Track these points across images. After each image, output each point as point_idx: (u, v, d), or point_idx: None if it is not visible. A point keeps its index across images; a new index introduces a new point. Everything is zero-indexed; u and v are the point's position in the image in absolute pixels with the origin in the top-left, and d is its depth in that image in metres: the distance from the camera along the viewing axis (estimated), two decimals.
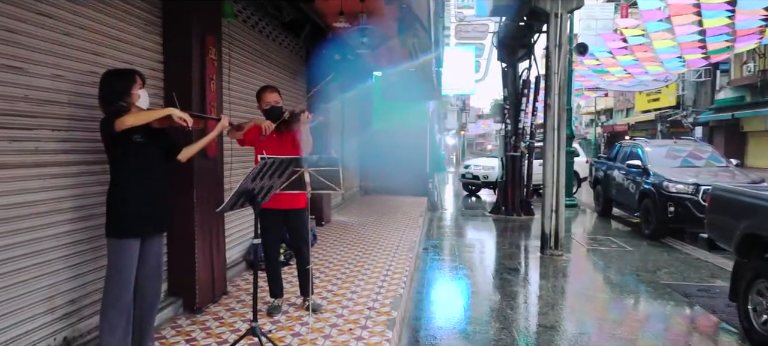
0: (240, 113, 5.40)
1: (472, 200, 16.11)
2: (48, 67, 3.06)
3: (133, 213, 3.05)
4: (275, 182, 3.16)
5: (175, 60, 4.24)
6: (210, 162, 4.47)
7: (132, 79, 3.09)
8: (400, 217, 10.12)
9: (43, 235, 3.06)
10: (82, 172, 3.35)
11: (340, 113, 11.29)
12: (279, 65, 7.00)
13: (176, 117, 3.03)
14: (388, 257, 6.52)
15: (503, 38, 11.94)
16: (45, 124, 3.05)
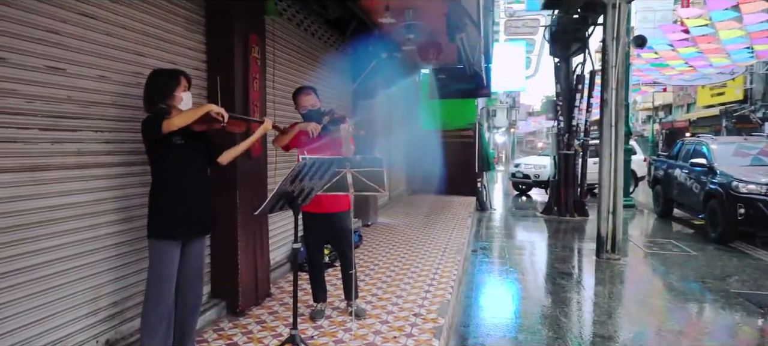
0: (284, 113, 5.33)
1: (522, 200, 15.67)
2: (91, 69, 3.05)
3: (173, 215, 3.00)
4: (316, 183, 3.04)
5: (218, 59, 4.20)
6: (253, 162, 4.41)
7: (176, 80, 3.03)
8: (447, 217, 9.90)
9: (86, 236, 3.05)
10: (125, 173, 3.33)
11: (386, 112, 11.16)
12: (324, 63, 6.91)
13: (214, 112, 2.95)
14: (435, 259, 6.32)
15: (556, 32, 11.49)
16: (88, 125, 3.04)
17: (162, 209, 3.00)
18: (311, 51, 6.47)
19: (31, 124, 2.69)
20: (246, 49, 4.30)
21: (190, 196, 3.06)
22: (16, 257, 2.65)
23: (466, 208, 11.32)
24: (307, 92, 4.09)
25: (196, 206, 3.10)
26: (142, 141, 2.99)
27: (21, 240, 2.66)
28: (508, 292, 5.97)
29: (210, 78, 4.24)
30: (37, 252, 2.75)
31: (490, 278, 6.54)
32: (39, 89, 2.72)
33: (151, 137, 2.92)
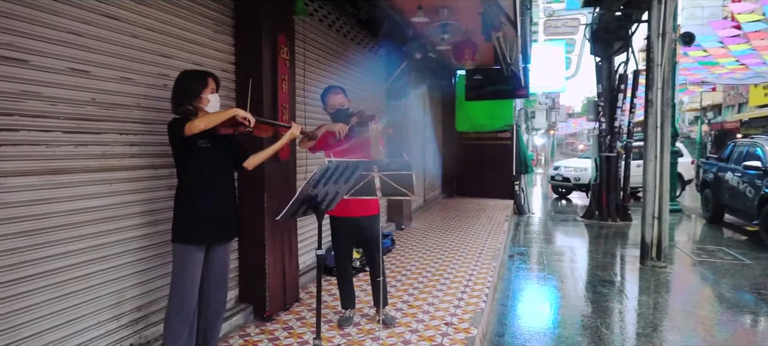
0: (315, 115, 5.25)
1: (562, 204, 15.23)
2: (116, 70, 3.02)
3: (197, 220, 2.93)
4: (341, 187, 2.93)
5: (246, 61, 4.14)
6: (282, 166, 4.34)
7: (204, 82, 2.97)
8: (483, 221, 9.66)
9: (110, 240, 3.02)
10: (150, 176, 3.29)
11: (421, 114, 11.01)
12: (356, 64, 6.82)
13: (240, 117, 2.87)
14: (470, 264, 6.13)
15: (597, 30, 11.09)
16: (112, 127, 3.01)
17: (186, 213, 2.94)
18: (343, 52, 6.38)
19: (55, 126, 2.67)
20: (274, 50, 4.23)
21: (215, 200, 2.99)
22: (38, 260, 2.63)
23: (503, 211, 11.04)
24: (336, 92, 3.99)
25: (221, 210, 3.03)
26: (169, 143, 2.94)
27: (43, 244, 2.64)
28: (546, 300, 5.73)
29: (238, 80, 4.19)
30: (59, 256, 2.73)
31: (527, 284, 6.30)
32: (62, 92, 2.70)
33: (175, 139, 2.86)
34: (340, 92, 3.99)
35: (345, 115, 3.87)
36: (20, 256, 2.53)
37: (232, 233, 3.18)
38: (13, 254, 2.50)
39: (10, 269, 2.50)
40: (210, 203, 2.97)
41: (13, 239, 2.50)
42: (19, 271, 2.53)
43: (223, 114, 2.87)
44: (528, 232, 10.19)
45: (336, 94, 3.95)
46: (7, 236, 2.47)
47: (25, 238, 2.55)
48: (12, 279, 2.50)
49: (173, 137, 2.88)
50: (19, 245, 2.53)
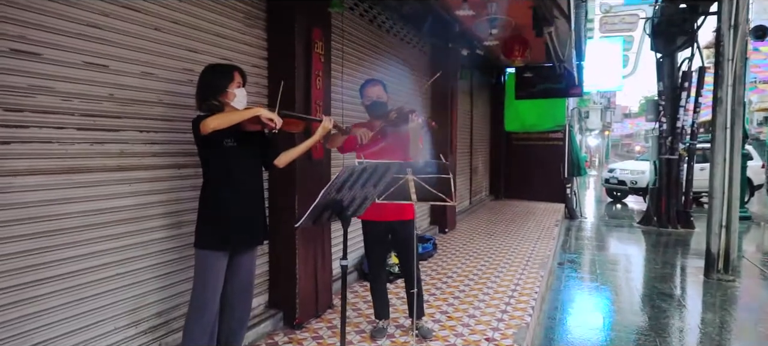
0: (353, 114, 5.02)
1: (616, 208, 14.49)
2: (136, 65, 2.87)
3: (221, 224, 2.75)
4: (371, 191, 2.68)
5: (278, 56, 3.96)
6: (315, 165, 4.13)
7: (230, 76, 2.79)
8: (532, 226, 9.21)
9: (129, 243, 2.88)
10: (173, 176, 3.14)
11: (467, 113, 10.65)
12: (398, 61, 6.56)
13: (264, 118, 2.67)
14: (516, 272, 5.77)
15: (659, 24, 10.41)
16: (132, 125, 2.86)
17: (209, 216, 2.77)
18: (384, 48, 6.14)
19: (68, 123, 2.53)
20: (308, 44, 4.02)
21: (241, 202, 2.81)
22: (52, 263, 2.50)
23: (553, 216, 10.53)
24: (374, 83, 3.74)
25: (248, 213, 2.85)
26: (194, 142, 2.77)
27: (57, 246, 2.51)
28: (599, 313, 5.30)
29: (270, 76, 4.02)
30: (74, 259, 2.60)
31: (578, 295, 5.87)
32: (77, 86, 2.57)
33: (196, 136, 2.69)
34: (379, 85, 3.72)
35: (381, 108, 3.62)
36: (32, 258, 2.41)
37: (259, 238, 2.98)
38: (25, 256, 2.39)
39: (22, 272, 2.38)
40: (236, 206, 2.79)
41: (24, 240, 2.38)
42: (31, 274, 2.41)
43: (242, 113, 2.67)
44: (580, 238, 9.66)
45: (374, 86, 3.71)
46: (19, 237, 2.36)
47: (37, 240, 2.42)
48: (24, 282, 2.39)
49: (194, 134, 2.71)
50: (31, 246, 2.41)
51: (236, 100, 2.80)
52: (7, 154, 2.30)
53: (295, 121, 2.98)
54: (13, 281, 2.34)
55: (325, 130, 3.08)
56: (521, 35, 8.21)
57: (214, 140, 2.67)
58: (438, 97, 7.98)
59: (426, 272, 5.69)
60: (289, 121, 2.92)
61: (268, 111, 2.70)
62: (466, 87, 10.28)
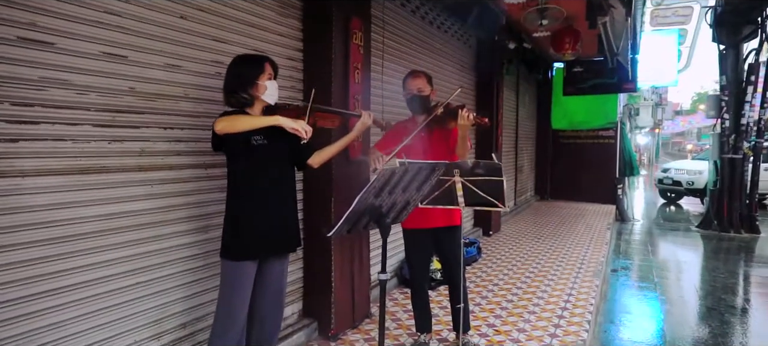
0: (395, 110, 4.72)
1: (670, 210, 13.71)
2: (159, 56, 2.65)
3: (248, 231, 2.50)
4: (413, 195, 2.37)
5: (315, 47, 3.69)
6: (352, 166, 3.84)
7: (260, 67, 2.53)
8: (582, 229, 8.70)
9: (150, 249, 2.66)
10: (199, 176, 2.90)
11: (513, 109, 10.19)
12: (442, 54, 6.23)
13: (288, 128, 2.39)
14: (568, 281, 5.35)
15: (722, 13, 9.68)
16: (154, 121, 2.64)
17: (235, 223, 2.52)
18: (428, 40, 5.81)
19: (83, 119, 2.32)
20: (346, 35, 3.74)
21: (271, 206, 2.55)
22: (67, 272, 2.30)
23: (603, 218, 9.97)
24: (417, 75, 3.34)
25: (279, 218, 2.59)
26: None
27: (70, 254, 2.30)
28: (658, 327, 4.83)
29: (306, 69, 3.76)
30: (90, 267, 2.39)
31: (634, 306, 5.40)
32: (94, 79, 2.35)
33: (213, 135, 2.45)
34: (422, 77, 3.34)
35: (422, 103, 3.28)
36: (43, 267, 2.21)
37: (291, 245, 2.71)
38: (35, 264, 2.18)
39: (32, 281, 2.18)
40: (265, 211, 2.53)
41: (34, 247, 2.18)
42: (42, 284, 2.21)
43: (259, 121, 2.39)
44: (633, 242, 9.09)
45: (416, 78, 3.32)
46: (27, 244, 2.15)
47: (48, 246, 2.22)
48: (34, 293, 2.19)
49: (212, 133, 2.47)
50: (42, 254, 2.20)
51: (267, 93, 2.55)
52: (15, 153, 2.10)
53: (330, 116, 2.70)
54: (22, 292, 2.14)
55: (364, 125, 2.79)
56: (572, 27, 7.75)
57: (239, 138, 2.42)
58: (483, 92, 7.59)
59: (469, 279, 5.34)
60: (323, 115, 2.65)
61: (292, 121, 2.40)
62: (511, 82, 9.83)
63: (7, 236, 2.08)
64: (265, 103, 2.57)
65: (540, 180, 12.79)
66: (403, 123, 3.44)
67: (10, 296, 2.10)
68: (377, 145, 3.35)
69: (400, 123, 3.47)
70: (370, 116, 2.78)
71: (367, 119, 2.78)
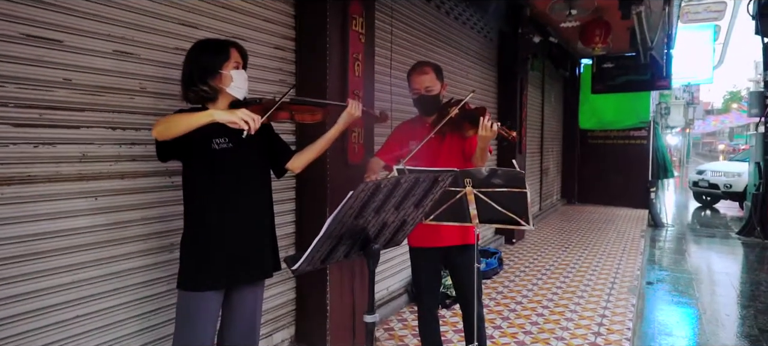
0: (405, 109, 4.21)
1: (705, 215, 12.89)
2: (106, 41, 2.19)
3: (211, 254, 2.04)
4: (411, 212, 1.86)
5: (307, 34, 3.21)
6: (352, 171, 3.34)
7: (224, 53, 2.06)
8: (613, 236, 8.06)
9: (96, 275, 2.20)
10: (161, 185, 2.44)
11: (538, 108, 9.58)
12: (460, 48, 5.70)
13: (225, 121, 1.91)
14: (601, 298, 4.77)
15: (766, 5, 8.95)
16: (99, 119, 2.18)
17: (194, 245, 2.06)
18: (444, 32, 5.29)
19: (1, 118, 1.87)
20: (344, 20, 3.25)
21: (240, 223, 2.08)
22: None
23: (636, 224, 9.30)
24: (423, 69, 2.77)
25: (250, 237, 2.12)
26: None
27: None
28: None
29: (299, 59, 3.28)
30: (22, 298, 1.94)
31: (674, 325, 4.78)
32: (14, 68, 1.90)
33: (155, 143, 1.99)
34: (430, 71, 2.77)
35: (432, 104, 2.76)
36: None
37: (265, 270, 2.23)
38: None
39: None
40: (232, 229, 2.06)
41: None
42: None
43: (194, 120, 1.89)
44: (669, 250, 8.40)
45: (422, 73, 2.75)
46: None
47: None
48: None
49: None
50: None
51: (233, 85, 2.07)
52: None
53: (309, 109, 2.21)
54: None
55: (351, 116, 2.27)
56: (603, 18, 7.16)
57: (194, 142, 1.95)
58: (506, 90, 7.02)
59: (489, 296, 4.79)
60: (301, 108, 2.18)
61: (228, 113, 1.91)
62: (536, 79, 9.23)
63: None
64: (231, 97, 2.09)
65: (567, 183, 12.12)
66: (410, 123, 2.94)
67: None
68: (379, 153, 2.85)
69: (406, 123, 2.96)
70: (358, 106, 2.27)
71: (353, 109, 2.27)
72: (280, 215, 3.18)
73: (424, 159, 2.66)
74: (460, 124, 2.59)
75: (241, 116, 1.89)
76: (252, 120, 1.89)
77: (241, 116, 1.88)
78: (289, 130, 3.23)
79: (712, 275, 6.95)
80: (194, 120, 1.86)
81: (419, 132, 2.73)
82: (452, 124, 2.61)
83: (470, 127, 2.54)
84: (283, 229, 3.23)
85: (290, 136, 3.23)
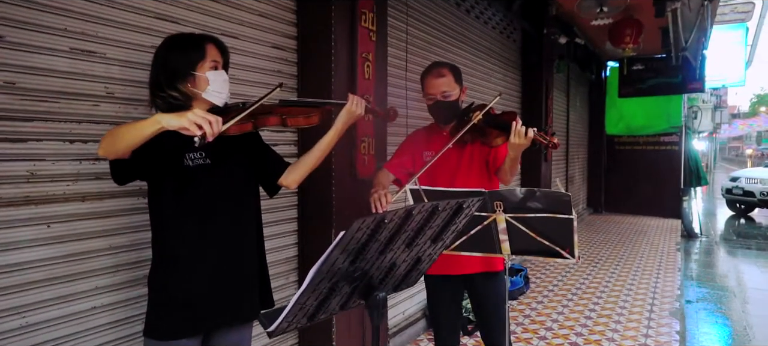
0: (424, 116, 3.81)
1: (740, 224, 12.23)
2: (61, 37, 1.83)
3: (181, 297, 1.67)
4: (426, 249, 1.46)
5: (310, 32, 2.84)
6: (362, 187, 2.94)
7: (198, 51, 1.69)
8: (646, 249, 7.54)
9: (53, 317, 1.83)
10: (133, 208, 2.07)
11: (563, 113, 9.11)
12: (482, 49, 5.29)
13: (174, 127, 1.45)
14: (640, 323, 4.31)
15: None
16: (51, 131, 1.82)
17: (163, 285, 1.69)
18: (464, 32, 4.89)
19: None
20: (352, 16, 2.87)
21: (219, 257, 1.71)
22: None
23: (669, 235, 8.76)
24: (439, 72, 2.38)
25: (231, 274, 1.75)
26: None
27: None
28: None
29: (302, 59, 2.90)
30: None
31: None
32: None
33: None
34: (448, 73, 2.38)
35: (449, 111, 2.36)
36: None
37: (251, 310, 1.84)
38: None
39: None
40: (206, 266, 1.69)
41: None
42: None
43: (144, 126, 1.46)
44: (706, 263, 7.83)
45: (439, 76, 2.36)
46: None
47: None
48: None
49: None
50: None
51: (210, 89, 1.70)
52: None
53: (303, 111, 1.81)
54: None
55: (351, 115, 1.86)
56: (634, 17, 6.70)
57: (159, 158, 1.58)
58: (530, 94, 6.59)
59: (516, 320, 4.36)
60: (292, 110, 1.79)
61: (177, 116, 1.45)
62: (561, 83, 8.76)
63: None
64: (209, 103, 1.72)
65: (593, 191, 11.58)
66: (425, 132, 2.54)
67: None
68: (388, 165, 2.45)
69: (420, 131, 2.57)
70: (360, 103, 1.86)
71: (353, 106, 1.85)
72: (280, 237, 2.82)
73: (441, 174, 2.28)
74: (486, 132, 2.19)
75: (192, 119, 1.44)
76: (207, 123, 1.45)
77: (190, 119, 1.44)
78: (291, 141, 2.86)
79: (758, 291, 6.39)
80: (139, 130, 1.46)
81: (435, 142, 2.34)
82: (476, 133, 2.21)
83: (499, 134, 2.15)
84: (284, 253, 2.85)
85: (292, 147, 2.86)
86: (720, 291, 6.26)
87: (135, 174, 1.61)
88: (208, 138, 1.44)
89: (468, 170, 2.33)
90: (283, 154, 2.02)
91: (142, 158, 1.53)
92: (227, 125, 1.53)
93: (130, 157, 1.51)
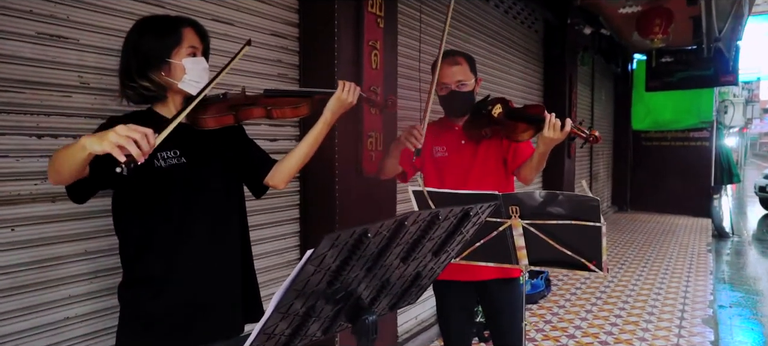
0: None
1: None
2: (25, 20, 1.65)
3: (154, 311, 1.49)
4: (427, 263, 1.24)
5: (312, 17, 2.64)
6: (368, 184, 2.74)
7: (173, 35, 1.50)
8: (675, 250, 7.20)
9: (20, 329, 1.67)
10: (105, 210, 1.87)
11: (587, 107, 8.78)
12: (501, 39, 5.04)
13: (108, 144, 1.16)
14: (670, 331, 4.04)
15: None
16: (16, 124, 1.65)
17: (134, 302, 1.52)
18: (482, 21, 4.65)
19: None
20: (358, 1, 2.66)
21: (194, 268, 1.52)
22: None
23: (699, 235, 8.38)
24: (454, 60, 2.18)
25: (210, 285, 1.55)
26: None
27: None
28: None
29: (304, 47, 2.70)
30: None
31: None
32: None
33: None
34: (463, 62, 2.19)
35: (464, 103, 2.15)
36: None
37: (235, 324, 1.65)
38: None
39: None
40: (181, 278, 1.50)
41: None
42: None
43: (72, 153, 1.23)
44: (739, 265, 7.44)
45: (453, 65, 2.16)
46: None
47: None
48: None
49: None
50: None
51: (187, 78, 1.50)
52: None
53: (289, 102, 1.61)
54: None
55: (341, 103, 1.63)
56: (664, 6, 6.35)
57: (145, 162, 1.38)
58: (553, 87, 6.31)
59: (536, 326, 4.12)
60: (278, 101, 1.58)
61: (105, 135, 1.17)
62: (585, 76, 8.43)
63: None
64: (185, 93, 1.52)
65: (618, 189, 11.19)
66: (436, 126, 2.32)
67: None
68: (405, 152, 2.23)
69: (431, 125, 2.34)
70: (353, 90, 1.64)
71: (344, 93, 1.62)
72: (281, 239, 2.63)
73: (452, 173, 2.07)
74: (510, 126, 1.98)
75: (114, 140, 1.16)
76: (132, 143, 1.16)
77: (112, 140, 1.16)
78: (293, 136, 2.66)
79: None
80: (71, 158, 1.23)
81: (447, 137, 2.14)
82: (496, 127, 2.00)
83: (527, 128, 1.93)
84: (284, 256, 2.67)
85: (293, 142, 2.66)
86: (755, 295, 5.92)
87: (96, 187, 1.41)
88: (138, 160, 1.17)
89: (482, 169, 2.11)
90: (284, 149, 1.82)
91: (101, 167, 1.32)
92: (163, 135, 1.26)
93: (88, 173, 1.31)
